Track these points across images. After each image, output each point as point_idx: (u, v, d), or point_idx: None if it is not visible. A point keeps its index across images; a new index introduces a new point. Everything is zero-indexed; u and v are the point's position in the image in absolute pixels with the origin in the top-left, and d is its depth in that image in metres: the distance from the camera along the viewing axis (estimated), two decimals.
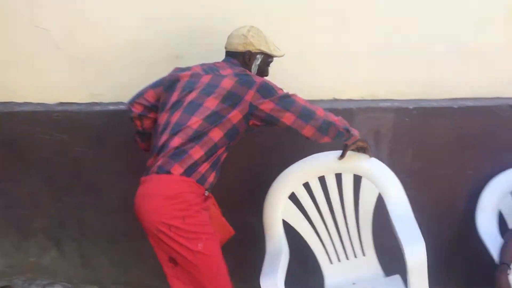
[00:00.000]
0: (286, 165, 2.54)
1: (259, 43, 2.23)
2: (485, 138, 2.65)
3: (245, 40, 2.23)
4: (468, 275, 2.25)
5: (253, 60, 2.25)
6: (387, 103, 2.67)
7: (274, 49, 2.29)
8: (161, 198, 1.96)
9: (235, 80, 2.07)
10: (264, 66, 2.29)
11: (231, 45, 2.26)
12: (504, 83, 2.71)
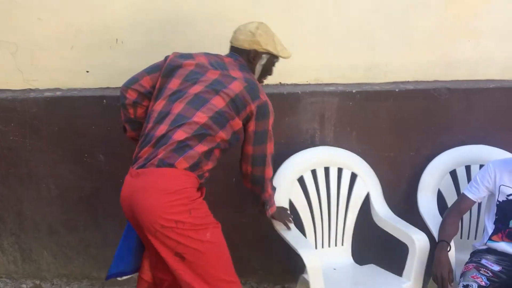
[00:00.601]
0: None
1: (266, 42, 2.12)
2: (425, 121, 2.73)
3: (252, 37, 2.11)
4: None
5: (258, 59, 2.15)
6: (331, 87, 2.70)
7: (281, 49, 2.17)
8: (165, 193, 1.84)
9: (244, 86, 2.00)
10: (269, 66, 2.20)
11: (237, 41, 2.14)
12: (442, 67, 2.80)
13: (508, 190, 2.33)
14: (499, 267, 2.30)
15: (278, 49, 2.16)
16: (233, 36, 2.17)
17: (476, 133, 2.75)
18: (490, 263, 2.32)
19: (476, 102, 2.73)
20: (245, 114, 2.01)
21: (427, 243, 2.37)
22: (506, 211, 2.33)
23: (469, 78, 2.82)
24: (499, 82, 2.79)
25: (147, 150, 1.93)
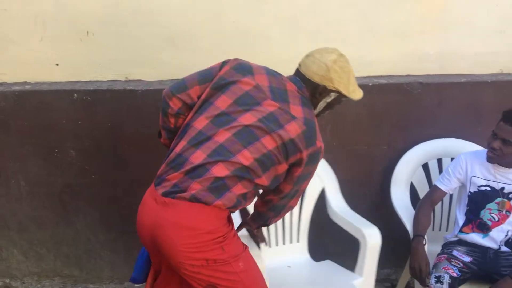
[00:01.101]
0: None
1: (339, 81, 1.83)
2: (398, 114, 2.77)
3: (326, 73, 1.82)
4: (382, 245, 2.36)
5: (325, 96, 1.87)
6: None
7: (353, 90, 1.90)
8: (198, 233, 1.66)
9: (302, 130, 1.74)
10: (334, 104, 1.93)
11: (307, 70, 1.85)
12: (414, 61, 2.83)
13: (479, 181, 2.38)
14: (470, 258, 2.35)
15: (350, 90, 1.88)
16: (304, 61, 1.89)
17: (447, 127, 2.80)
18: (461, 254, 2.37)
19: (448, 96, 2.78)
20: (294, 159, 1.76)
21: (379, 239, 2.35)
22: (477, 202, 2.39)
23: (441, 72, 2.86)
24: (469, 76, 2.84)
25: (178, 176, 1.70)
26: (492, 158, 2.28)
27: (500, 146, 2.21)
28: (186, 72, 2.66)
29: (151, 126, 2.57)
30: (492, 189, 2.36)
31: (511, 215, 2.34)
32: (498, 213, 2.35)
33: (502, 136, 2.20)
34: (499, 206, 2.34)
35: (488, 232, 2.37)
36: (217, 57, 2.64)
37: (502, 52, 2.88)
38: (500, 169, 2.32)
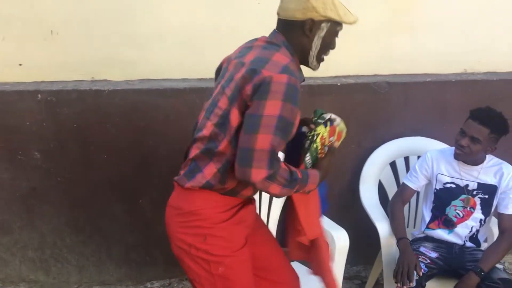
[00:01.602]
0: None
1: (324, 7, 1.61)
2: (366, 114, 2.80)
3: (306, 4, 1.61)
4: (352, 243, 2.38)
5: (316, 30, 1.64)
6: None
7: (345, 13, 1.66)
8: (179, 213, 1.68)
9: (246, 69, 1.56)
10: (331, 37, 1.69)
11: (286, 11, 1.65)
12: (381, 61, 2.87)
13: (444, 179, 2.43)
14: (437, 254, 2.40)
15: (340, 14, 1.64)
16: (280, 6, 1.69)
17: (414, 125, 2.84)
18: (428, 251, 2.41)
19: (414, 95, 2.83)
20: (241, 101, 1.55)
21: (347, 241, 2.34)
22: (443, 199, 2.44)
23: (407, 72, 2.91)
24: (434, 76, 2.90)
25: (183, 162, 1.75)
26: (460, 155, 2.33)
27: (468, 143, 2.26)
28: (154, 71, 2.65)
29: (118, 126, 2.54)
30: (457, 186, 2.41)
31: (475, 211, 2.40)
32: (463, 209, 2.41)
33: (471, 133, 2.25)
34: (464, 203, 2.40)
35: (453, 228, 2.43)
36: (186, 56, 2.65)
37: (466, 52, 2.95)
38: (465, 167, 2.38)
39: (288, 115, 1.51)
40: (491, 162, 2.38)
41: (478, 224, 2.41)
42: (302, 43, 1.67)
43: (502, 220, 2.35)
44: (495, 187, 2.36)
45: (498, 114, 2.28)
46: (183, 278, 2.82)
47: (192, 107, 2.58)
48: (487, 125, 2.23)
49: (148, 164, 2.61)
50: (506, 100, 2.89)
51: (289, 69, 1.54)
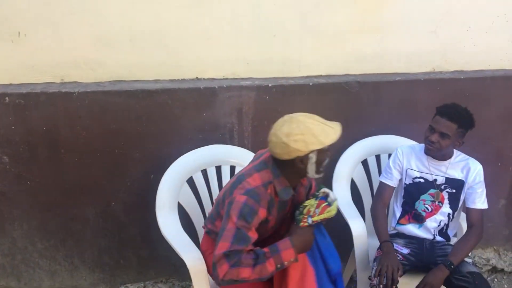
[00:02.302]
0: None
1: (305, 144, 1.83)
2: (338, 113, 2.79)
3: (287, 149, 1.85)
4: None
5: (307, 161, 1.88)
6: (248, 82, 2.71)
7: (325, 136, 1.86)
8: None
9: (230, 184, 1.98)
10: (323, 157, 1.91)
11: (274, 154, 1.91)
12: (352, 61, 2.91)
13: (414, 173, 2.49)
14: (408, 250, 2.45)
15: (321, 141, 1.85)
16: (269, 143, 1.94)
17: (385, 124, 2.89)
18: (399, 247, 2.46)
19: (384, 94, 2.87)
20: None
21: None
22: (412, 194, 2.50)
23: (377, 71, 2.95)
24: (403, 75, 2.95)
25: None
26: (430, 151, 2.39)
27: (438, 139, 2.33)
28: (125, 73, 2.63)
29: (89, 128, 2.51)
30: (426, 180, 2.47)
31: (443, 205, 2.46)
32: (431, 203, 2.47)
33: (440, 129, 2.32)
34: (434, 197, 2.46)
35: (422, 222, 2.49)
36: (157, 57, 2.63)
37: (434, 52, 3.01)
38: (434, 162, 2.44)
39: (242, 227, 1.82)
40: (459, 158, 2.45)
41: (446, 218, 2.47)
42: (298, 171, 1.92)
43: (470, 214, 2.41)
44: (462, 182, 2.43)
45: (464, 109, 2.35)
46: (158, 280, 2.81)
47: (164, 108, 2.57)
48: (455, 121, 2.30)
49: (120, 166, 2.59)
50: (473, 98, 2.97)
51: (253, 192, 1.87)
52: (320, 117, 1.94)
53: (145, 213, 2.62)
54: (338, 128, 1.92)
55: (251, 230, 1.84)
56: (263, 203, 1.87)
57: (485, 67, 3.12)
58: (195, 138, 2.63)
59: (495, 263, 3.28)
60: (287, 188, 1.95)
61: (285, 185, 1.94)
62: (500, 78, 3.04)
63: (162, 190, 2.44)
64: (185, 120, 2.61)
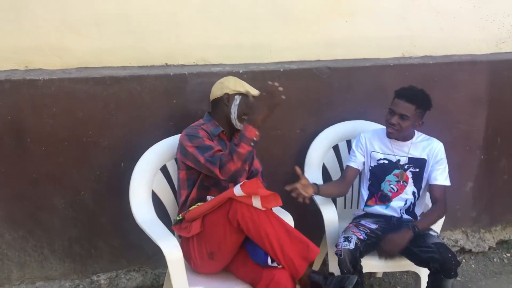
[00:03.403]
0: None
1: (234, 85, 2.38)
2: (309, 99, 2.84)
3: (221, 85, 2.40)
4: (298, 226, 2.42)
5: (232, 101, 2.37)
6: (218, 68, 2.69)
7: (250, 88, 2.39)
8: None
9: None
10: (243, 107, 2.36)
11: (212, 95, 2.42)
12: (323, 46, 2.91)
13: (378, 156, 2.56)
14: (376, 225, 2.53)
15: (247, 89, 2.38)
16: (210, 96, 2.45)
17: (356, 109, 2.91)
18: (368, 223, 2.55)
19: (355, 80, 2.89)
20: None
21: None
22: (378, 175, 2.57)
23: (348, 57, 2.97)
24: (374, 61, 2.98)
25: None
26: (392, 133, 2.46)
27: (398, 121, 2.41)
28: (92, 59, 2.57)
29: (55, 117, 2.45)
30: (390, 162, 2.55)
31: (408, 185, 2.54)
32: (397, 184, 2.55)
33: (399, 111, 2.40)
34: (399, 177, 2.53)
35: (389, 202, 2.57)
36: (125, 43, 2.58)
37: (403, 37, 3.04)
38: (396, 143, 2.52)
39: (198, 144, 2.25)
40: (420, 138, 2.54)
41: (411, 197, 2.55)
42: (224, 112, 2.38)
43: (433, 190, 2.50)
44: (425, 161, 2.51)
45: (421, 91, 2.44)
46: (130, 269, 2.79)
47: (133, 95, 2.53)
48: (413, 102, 2.38)
49: (89, 155, 2.54)
50: (441, 82, 3.02)
51: (189, 128, 2.35)
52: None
53: (116, 201, 2.59)
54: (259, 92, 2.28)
55: (206, 141, 2.26)
56: (199, 129, 2.32)
57: (453, 52, 3.17)
58: (165, 126, 2.60)
59: (463, 244, 3.36)
60: (217, 127, 2.37)
61: (216, 126, 2.38)
62: (467, 62, 3.10)
63: (136, 178, 2.40)
64: (155, 107, 2.58)
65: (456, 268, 2.28)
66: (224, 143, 2.40)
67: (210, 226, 2.17)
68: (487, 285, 3.11)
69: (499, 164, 3.33)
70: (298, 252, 2.11)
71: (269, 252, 2.08)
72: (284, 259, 2.07)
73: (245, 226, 2.07)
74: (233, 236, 2.14)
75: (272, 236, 2.07)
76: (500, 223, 3.48)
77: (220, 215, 2.12)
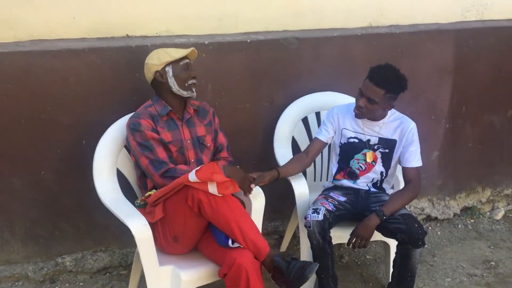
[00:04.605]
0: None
1: (159, 58, 2.25)
2: (277, 71, 2.77)
3: (147, 67, 2.29)
4: (269, 200, 2.39)
5: (165, 75, 2.26)
6: (183, 39, 2.58)
7: (176, 52, 2.27)
8: None
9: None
10: (181, 73, 2.27)
11: (147, 80, 2.33)
12: (290, 16, 2.83)
13: (348, 133, 2.51)
14: (345, 198, 2.52)
15: (173, 55, 2.25)
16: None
17: (324, 81, 2.87)
18: (337, 195, 2.53)
19: (323, 50, 2.84)
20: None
21: (263, 200, 2.31)
22: (347, 152, 2.54)
23: (316, 27, 2.90)
24: (342, 31, 2.92)
25: None
26: (358, 115, 2.42)
27: (365, 104, 2.33)
28: (48, 31, 2.41)
29: (9, 93, 2.31)
30: (360, 141, 2.50)
31: (376, 165, 2.52)
32: (365, 163, 2.51)
33: (367, 94, 2.32)
34: (366, 157, 2.49)
35: (356, 179, 2.55)
36: (83, 13, 2.43)
37: (370, 6, 3.00)
38: (368, 123, 2.47)
39: (139, 140, 2.21)
40: (392, 117, 2.48)
41: (379, 176, 2.54)
42: (166, 88, 2.28)
43: (406, 173, 2.48)
44: (395, 141, 2.48)
45: (395, 73, 2.32)
46: (97, 249, 2.71)
47: (93, 69, 2.41)
48: (382, 86, 2.29)
49: (48, 133, 2.41)
50: (408, 52, 3.01)
51: (133, 115, 2.29)
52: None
53: (78, 181, 2.49)
54: (190, 50, 2.29)
55: (148, 136, 2.21)
56: (143, 116, 2.24)
57: (419, 21, 3.15)
58: (129, 101, 2.49)
59: (429, 212, 3.42)
60: (165, 107, 2.29)
61: (163, 106, 2.29)
62: (434, 31, 3.09)
63: (99, 156, 2.31)
64: (117, 81, 2.46)
65: (423, 238, 2.29)
66: (174, 122, 2.31)
67: (171, 211, 2.13)
68: (452, 251, 3.18)
69: (464, 132, 3.38)
70: (258, 233, 2.10)
71: (230, 235, 2.05)
72: (244, 242, 2.04)
73: (204, 211, 2.04)
74: (194, 220, 2.10)
75: (231, 220, 2.04)
76: (464, 190, 3.55)
77: (179, 200, 2.07)
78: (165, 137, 2.26)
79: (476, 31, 3.20)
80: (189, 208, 2.05)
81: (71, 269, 2.66)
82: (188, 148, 2.31)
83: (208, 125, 2.41)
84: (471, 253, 3.16)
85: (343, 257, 3.05)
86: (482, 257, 3.11)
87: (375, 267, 2.99)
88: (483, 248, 3.21)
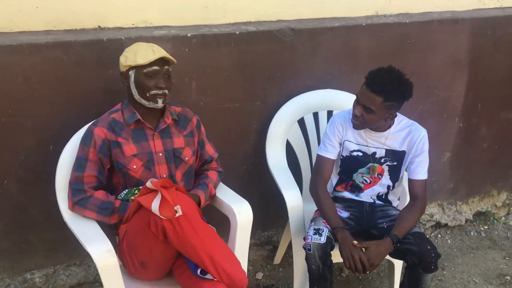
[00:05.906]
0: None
1: (126, 60, 1.99)
2: (270, 66, 2.52)
3: (120, 64, 2.03)
4: (262, 208, 2.15)
5: (128, 79, 2.01)
6: (162, 31, 2.32)
7: (141, 57, 1.94)
8: None
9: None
10: (143, 80, 1.96)
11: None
12: (285, 5, 2.57)
13: (351, 146, 2.24)
14: (347, 213, 2.28)
15: (136, 58, 1.95)
16: None
17: (323, 77, 2.62)
18: (339, 210, 2.26)
19: (322, 42, 2.57)
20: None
21: (250, 215, 2.07)
22: (350, 166, 2.27)
23: (314, 16, 2.64)
24: (344, 20, 2.65)
25: None
26: (355, 125, 2.15)
27: (362, 112, 2.06)
28: (6, 22, 2.15)
29: None
30: (364, 154, 2.23)
31: (383, 178, 2.26)
32: (370, 176, 2.26)
33: (363, 102, 2.04)
34: (370, 171, 2.23)
35: (360, 193, 2.30)
36: (47, 3, 2.16)
37: None
38: (371, 133, 2.19)
39: (80, 154, 2.00)
40: (400, 126, 2.19)
41: (385, 189, 2.29)
42: (129, 92, 2.04)
43: (413, 186, 2.20)
44: (404, 153, 2.20)
45: (396, 79, 2.02)
46: (71, 263, 2.48)
47: (59, 66, 2.15)
48: (380, 94, 2.00)
49: (9, 137, 2.17)
50: (419, 44, 2.75)
51: (95, 120, 2.06)
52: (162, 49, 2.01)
53: (46, 190, 2.23)
54: (161, 52, 1.98)
55: (90, 155, 1.98)
56: (101, 124, 2.01)
57: (432, 8, 2.87)
58: (101, 101, 2.23)
59: (438, 219, 3.18)
60: (133, 115, 2.03)
61: (132, 113, 2.04)
62: (448, 21, 2.81)
63: (62, 166, 2.06)
64: (86, 79, 2.20)
65: (436, 262, 2.03)
66: (144, 132, 2.04)
67: (133, 235, 1.86)
68: (463, 262, 2.94)
69: (479, 132, 3.12)
70: (235, 263, 1.83)
71: (200, 266, 1.79)
72: (217, 273, 1.77)
73: (169, 239, 1.77)
74: (160, 247, 1.83)
75: (200, 249, 1.76)
76: (478, 194, 3.31)
77: (142, 225, 1.79)
78: (129, 149, 2.00)
79: (495, 19, 2.92)
80: (154, 235, 1.78)
81: (41, 285, 2.44)
82: (158, 163, 2.03)
83: (189, 136, 2.11)
84: (485, 265, 2.91)
85: (343, 270, 2.81)
86: (497, 270, 2.87)
87: (378, 282, 2.75)
88: (498, 260, 2.97)
